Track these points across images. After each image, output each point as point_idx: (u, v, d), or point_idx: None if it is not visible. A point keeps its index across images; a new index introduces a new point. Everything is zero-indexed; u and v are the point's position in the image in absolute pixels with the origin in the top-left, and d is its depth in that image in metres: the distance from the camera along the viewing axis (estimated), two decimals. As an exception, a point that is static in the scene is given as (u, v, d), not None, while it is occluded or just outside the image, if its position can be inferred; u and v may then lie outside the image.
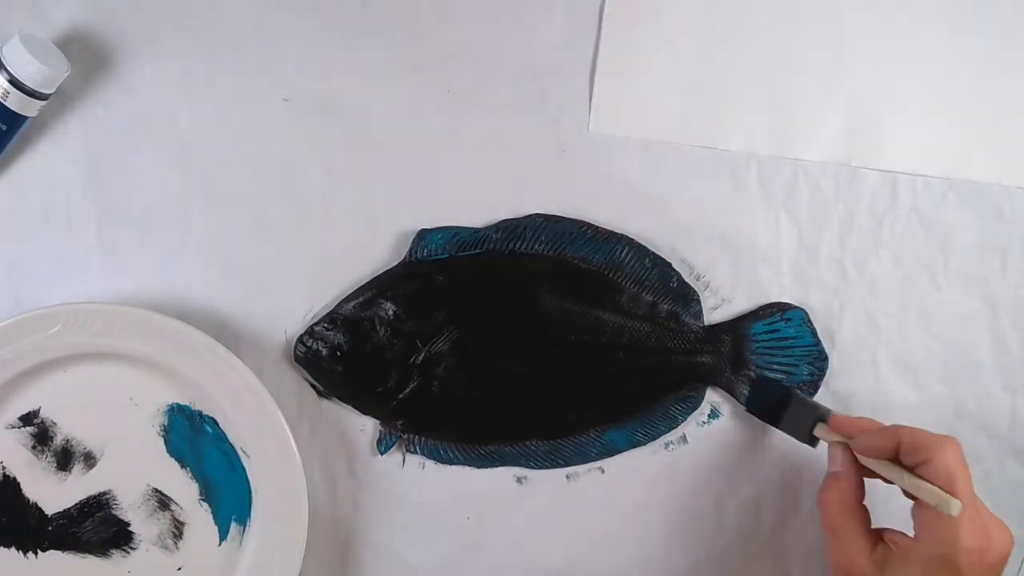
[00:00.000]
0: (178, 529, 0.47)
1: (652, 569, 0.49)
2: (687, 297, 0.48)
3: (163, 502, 0.46)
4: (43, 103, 0.44)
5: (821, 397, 0.49)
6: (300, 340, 0.47)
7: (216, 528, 0.47)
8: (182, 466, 0.46)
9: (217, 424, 0.46)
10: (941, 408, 0.49)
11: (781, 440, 0.48)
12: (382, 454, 0.48)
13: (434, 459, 0.48)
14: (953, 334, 0.49)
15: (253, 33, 0.47)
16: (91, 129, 0.47)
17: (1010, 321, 0.49)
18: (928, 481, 0.39)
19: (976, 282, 0.49)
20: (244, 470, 0.46)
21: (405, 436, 0.48)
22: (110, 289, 0.47)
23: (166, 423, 0.46)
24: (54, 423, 0.46)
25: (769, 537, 0.50)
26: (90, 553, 0.46)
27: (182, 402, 0.46)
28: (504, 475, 0.48)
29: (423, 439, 0.48)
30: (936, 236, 0.49)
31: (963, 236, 0.49)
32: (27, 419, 0.45)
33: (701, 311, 0.48)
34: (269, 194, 0.48)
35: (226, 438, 0.46)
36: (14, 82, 0.42)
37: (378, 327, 0.47)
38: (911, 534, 0.40)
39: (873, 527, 0.43)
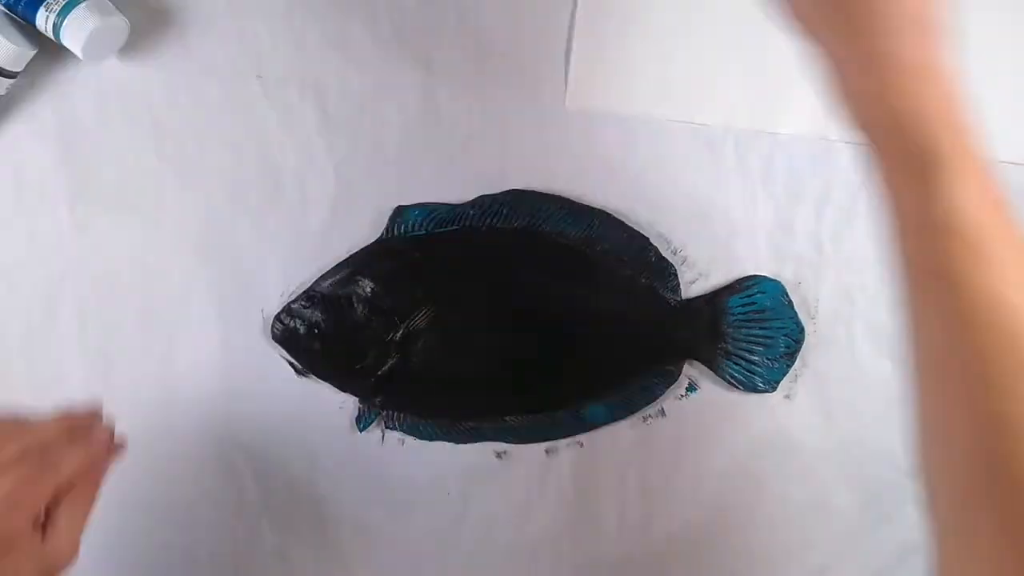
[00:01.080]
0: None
1: (631, 540, 0.50)
2: (664, 271, 0.48)
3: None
4: (11, 81, 0.44)
5: (797, 368, 0.49)
6: (277, 318, 0.47)
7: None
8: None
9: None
10: (915, 379, 0.49)
11: (758, 413, 0.49)
12: (361, 431, 0.48)
13: (413, 435, 0.48)
14: (927, 306, 0.49)
15: (227, 8, 0.46)
16: (61, 107, 0.47)
17: (983, 293, 0.49)
18: None
19: (950, 254, 0.49)
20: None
21: (384, 413, 0.48)
22: (84, 268, 0.47)
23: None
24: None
25: (746, 507, 0.50)
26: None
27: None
28: (484, 450, 0.49)
29: (402, 416, 0.48)
30: (911, 209, 0.49)
31: (937, 209, 0.49)
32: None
33: (678, 285, 0.49)
34: (244, 172, 0.47)
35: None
36: (-20, 59, 0.42)
37: (356, 305, 0.47)
38: None
39: None
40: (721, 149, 0.48)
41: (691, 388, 0.49)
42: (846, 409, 0.49)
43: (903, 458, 0.49)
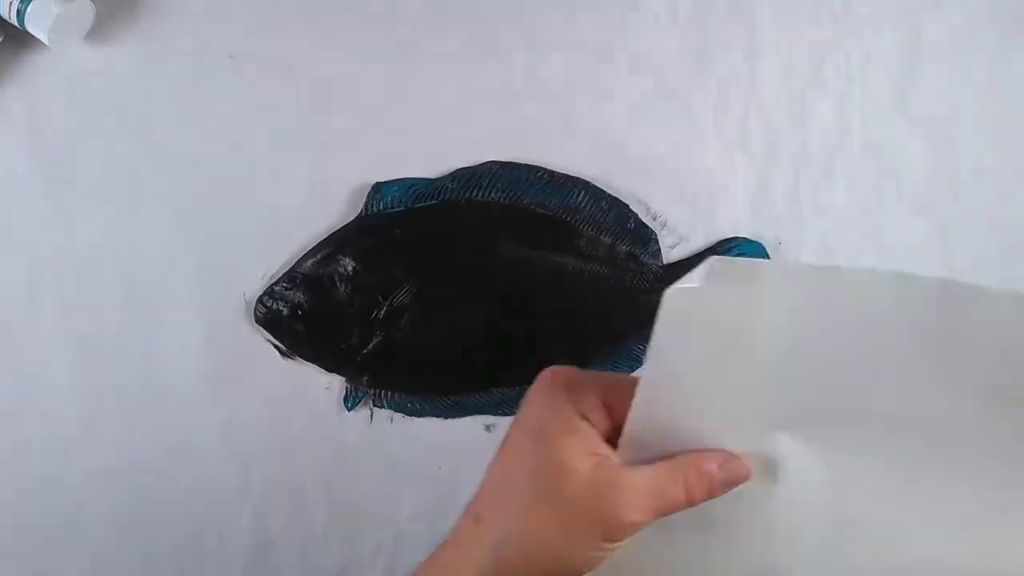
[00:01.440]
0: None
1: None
2: (645, 237, 0.48)
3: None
4: (-24, 69, 0.43)
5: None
6: (260, 301, 0.47)
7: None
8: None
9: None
10: (897, 334, 0.50)
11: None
12: (350, 410, 0.48)
13: (402, 412, 0.48)
14: (907, 261, 0.50)
15: (195, -11, 0.46)
16: (29, 94, 0.46)
17: (960, 247, 0.49)
18: None
19: (928, 208, 0.50)
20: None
21: (372, 391, 0.48)
22: (63, 255, 0.47)
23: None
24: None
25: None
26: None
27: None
28: (472, 424, 0.49)
29: (390, 393, 0.48)
30: (888, 165, 0.49)
31: (914, 164, 0.49)
32: None
33: (660, 250, 0.49)
34: (218, 153, 0.47)
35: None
36: (-57, 48, 0.41)
37: (338, 284, 0.47)
38: None
39: None
40: (697, 111, 0.48)
41: (676, 352, 0.49)
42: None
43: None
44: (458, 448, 0.49)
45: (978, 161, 0.49)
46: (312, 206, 0.47)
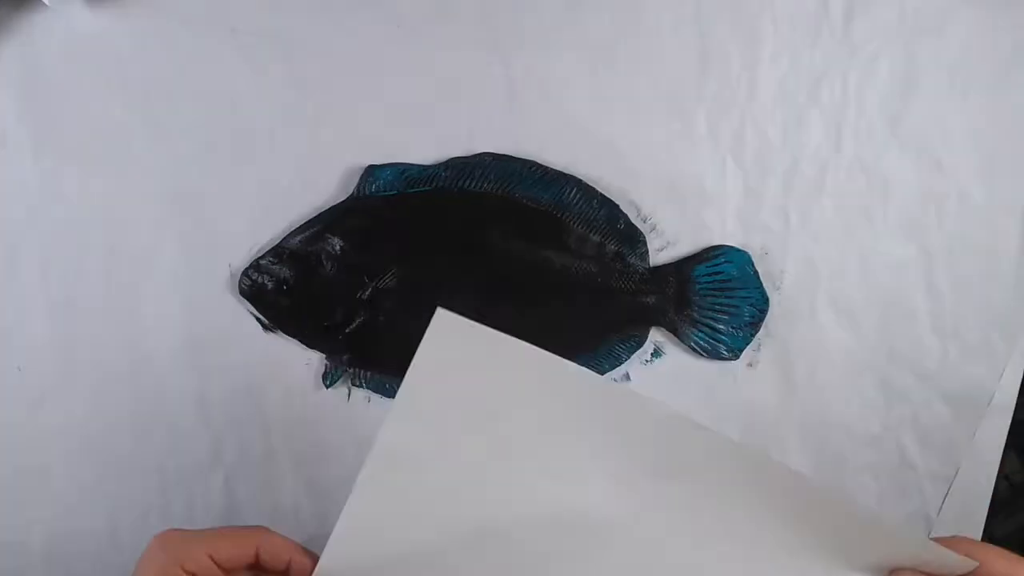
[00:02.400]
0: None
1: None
2: (633, 238, 0.49)
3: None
4: (-25, 23, 0.43)
5: (761, 337, 0.50)
6: (245, 273, 0.47)
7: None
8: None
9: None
10: (875, 351, 0.50)
11: (721, 380, 0.50)
12: (328, 388, 0.48)
13: (380, 393, 0.48)
14: (889, 280, 0.50)
15: (200, -40, 0.46)
16: (26, 55, 0.46)
17: (943, 269, 0.50)
18: None
19: (913, 230, 0.50)
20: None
21: (351, 370, 0.48)
22: (49, 221, 0.46)
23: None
24: None
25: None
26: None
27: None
28: (449, 412, 0.49)
29: (369, 373, 0.48)
30: (877, 185, 0.50)
31: (902, 186, 0.50)
32: None
33: (647, 252, 0.49)
34: (214, 126, 0.47)
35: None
36: (-57, -3, 0.41)
37: (325, 262, 0.47)
38: None
39: None
40: (692, 118, 0.49)
41: (656, 354, 0.50)
42: (807, 379, 0.50)
43: (861, 429, 0.50)
44: (433, 435, 0.49)
45: (966, 188, 0.50)
46: (305, 184, 0.48)
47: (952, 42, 0.50)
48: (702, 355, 0.49)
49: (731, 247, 0.49)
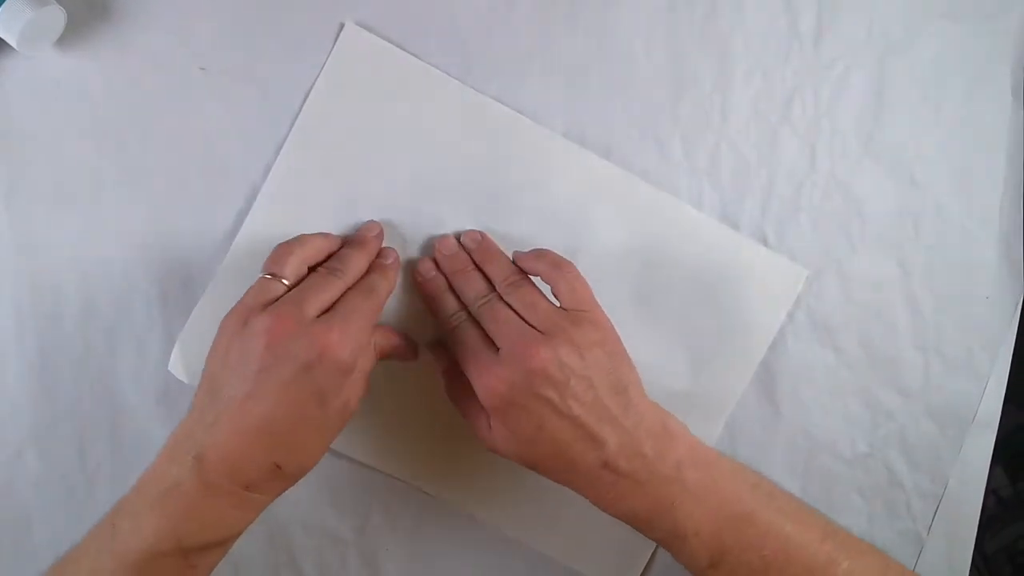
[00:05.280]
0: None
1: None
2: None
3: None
4: (-58, 71, 0.43)
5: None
6: (222, 314, 0.46)
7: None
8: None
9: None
10: (857, 368, 0.50)
11: (705, 404, 0.49)
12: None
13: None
14: (869, 297, 0.50)
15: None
16: (-3, 98, 0.46)
17: (923, 284, 0.50)
18: None
19: (891, 246, 0.50)
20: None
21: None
22: (21, 266, 0.46)
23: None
24: None
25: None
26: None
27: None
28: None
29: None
30: (853, 201, 0.50)
31: (878, 202, 0.50)
32: None
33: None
34: (187, 165, 0.47)
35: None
36: (-93, 48, 0.41)
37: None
38: None
39: None
40: (668, 141, 0.49)
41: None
42: (792, 400, 0.50)
43: (847, 448, 0.50)
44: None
45: (941, 202, 0.50)
46: (279, 221, 0.47)
47: (922, 56, 0.50)
48: (685, 379, 0.49)
49: (710, 269, 0.49)
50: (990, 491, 0.50)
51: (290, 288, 0.40)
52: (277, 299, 0.39)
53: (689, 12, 0.49)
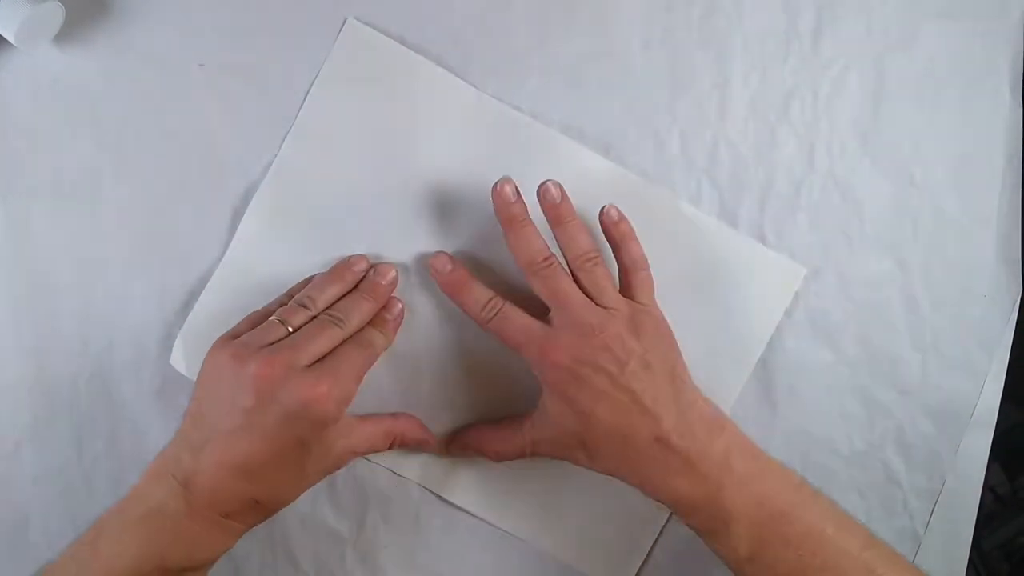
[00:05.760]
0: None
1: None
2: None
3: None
4: (-60, 66, 0.43)
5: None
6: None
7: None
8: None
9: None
10: (856, 367, 0.50)
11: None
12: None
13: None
14: (867, 296, 0.50)
15: (167, -5, 0.46)
16: (-6, 95, 0.46)
17: (921, 283, 0.50)
18: None
19: (889, 245, 0.50)
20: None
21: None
22: (19, 264, 0.46)
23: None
24: None
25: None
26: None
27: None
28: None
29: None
30: (851, 200, 0.50)
31: (877, 201, 0.50)
32: None
33: (623, 276, 0.49)
34: (186, 162, 0.47)
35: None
36: (-95, 43, 0.41)
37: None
38: None
39: None
40: (667, 140, 0.49)
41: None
42: (789, 397, 0.50)
43: (845, 446, 0.50)
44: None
45: (939, 201, 0.50)
46: (277, 217, 0.47)
47: (921, 56, 0.50)
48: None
49: (708, 267, 0.49)
50: (987, 489, 0.51)
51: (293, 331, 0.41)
52: (276, 342, 0.40)
53: (688, 11, 0.49)
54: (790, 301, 0.49)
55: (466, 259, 0.47)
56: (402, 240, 0.47)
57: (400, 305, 0.46)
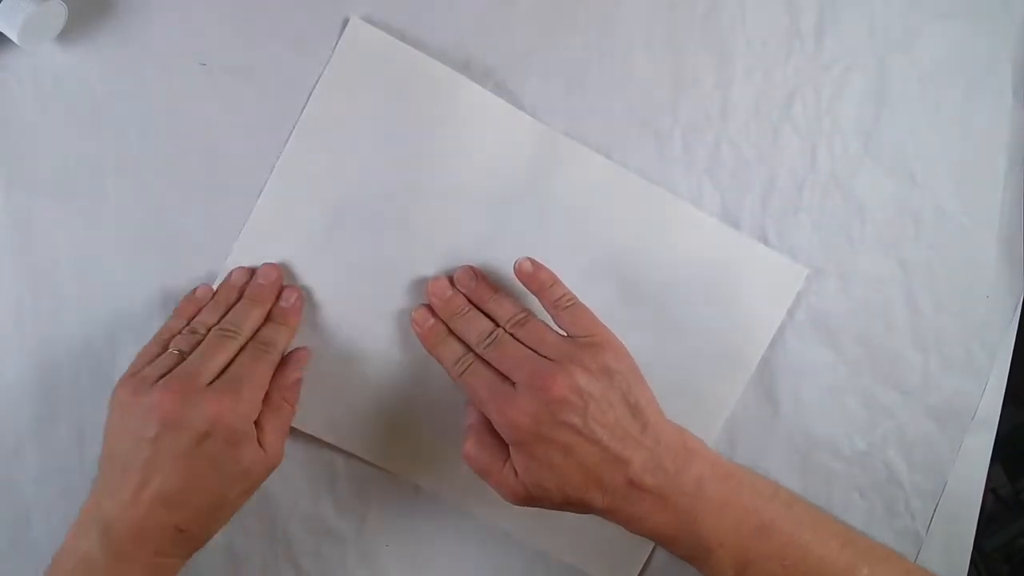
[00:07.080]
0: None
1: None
2: (612, 261, 0.49)
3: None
4: (-58, 65, 0.43)
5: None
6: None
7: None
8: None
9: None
10: (857, 367, 0.50)
11: (705, 402, 0.49)
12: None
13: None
14: (869, 296, 0.50)
15: (169, -6, 0.46)
16: (-3, 93, 0.46)
17: (922, 283, 0.50)
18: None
19: (891, 245, 0.50)
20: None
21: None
22: (21, 263, 0.46)
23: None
24: None
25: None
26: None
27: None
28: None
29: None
30: (853, 201, 0.50)
31: (879, 201, 0.50)
32: None
33: (626, 275, 0.49)
34: (188, 161, 0.47)
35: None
36: (-92, 41, 0.41)
37: (301, 295, 0.47)
38: None
39: None
40: (668, 139, 0.49)
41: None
42: (791, 398, 0.50)
43: (846, 446, 0.50)
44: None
45: (941, 201, 0.50)
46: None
47: (923, 56, 0.50)
48: (684, 377, 0.49)
49: (710, 267, 0.49)
50: (989, 490, 0.51)
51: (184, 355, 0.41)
52: (171, 370, 0.40)
53: (690, 10, 0.49)
54: (792, 301, 0.49)
55: (468, 259, 0.47)
56: (403, 243, 0.47)
57: (296, 292, 0.45)
